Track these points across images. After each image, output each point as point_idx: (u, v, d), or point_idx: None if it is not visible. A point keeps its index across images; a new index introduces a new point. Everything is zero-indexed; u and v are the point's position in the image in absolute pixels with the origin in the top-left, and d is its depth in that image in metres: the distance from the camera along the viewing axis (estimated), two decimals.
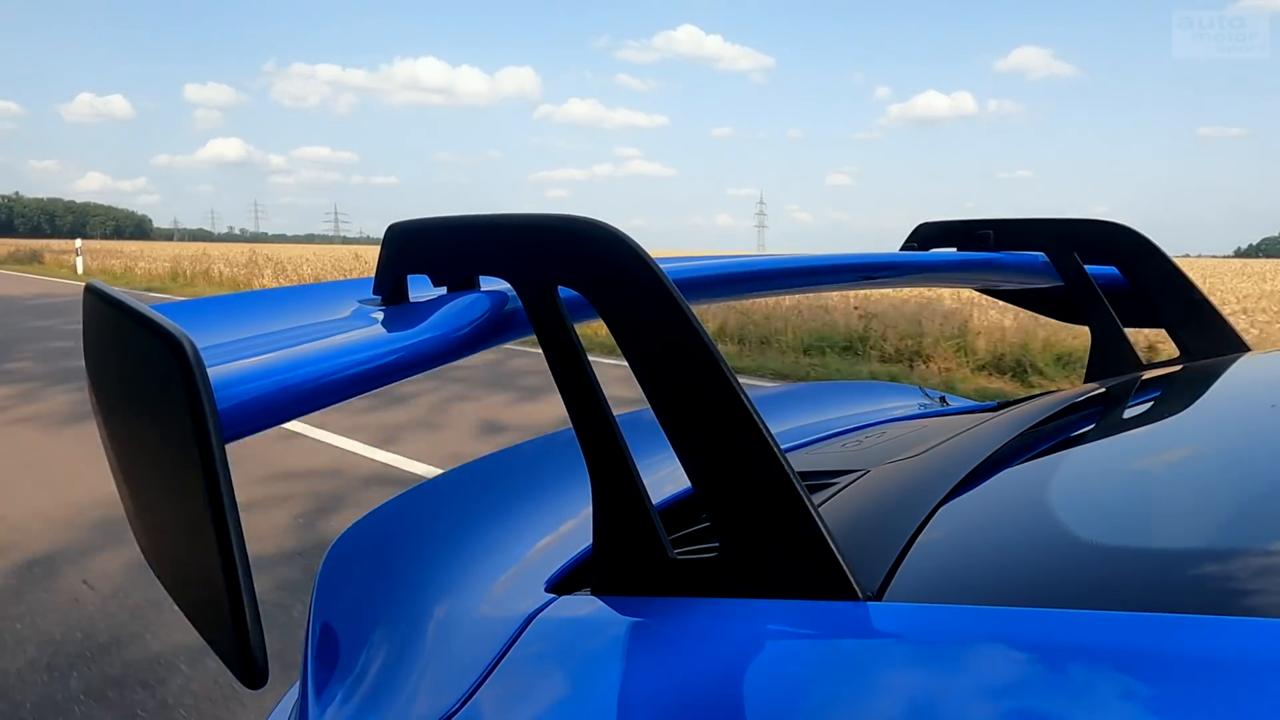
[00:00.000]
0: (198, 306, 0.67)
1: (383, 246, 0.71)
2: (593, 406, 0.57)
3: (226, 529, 0.40)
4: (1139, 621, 0.41)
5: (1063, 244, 1.19)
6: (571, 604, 0.61)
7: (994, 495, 0.66)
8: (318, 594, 0.77)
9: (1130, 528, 0.54)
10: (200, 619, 0.44)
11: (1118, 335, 1.16)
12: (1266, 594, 0.44)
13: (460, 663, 0.60)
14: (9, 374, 7.45)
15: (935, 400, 1.35)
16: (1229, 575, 0.48)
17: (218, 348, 0.55)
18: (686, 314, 0.53)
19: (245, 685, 0.40)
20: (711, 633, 0.52)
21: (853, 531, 0.58)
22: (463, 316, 0.63)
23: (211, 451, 0.40)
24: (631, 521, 0.57)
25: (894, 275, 1.14)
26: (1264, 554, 0.48)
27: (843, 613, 0.48)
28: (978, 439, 0.81)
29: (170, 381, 0.42)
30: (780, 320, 9.44)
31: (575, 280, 0.58)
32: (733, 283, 0.93)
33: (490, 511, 0.90)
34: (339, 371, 0.53)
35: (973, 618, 0.45)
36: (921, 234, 1.33)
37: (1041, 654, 0.41)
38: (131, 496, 0.53)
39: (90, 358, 0.59)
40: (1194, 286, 1.12)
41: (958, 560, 0.55)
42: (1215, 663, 0.37)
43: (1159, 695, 0.36)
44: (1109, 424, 0.85)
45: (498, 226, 0.63)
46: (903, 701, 0.41)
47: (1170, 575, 0.48)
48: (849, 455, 0.91)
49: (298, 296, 0.74)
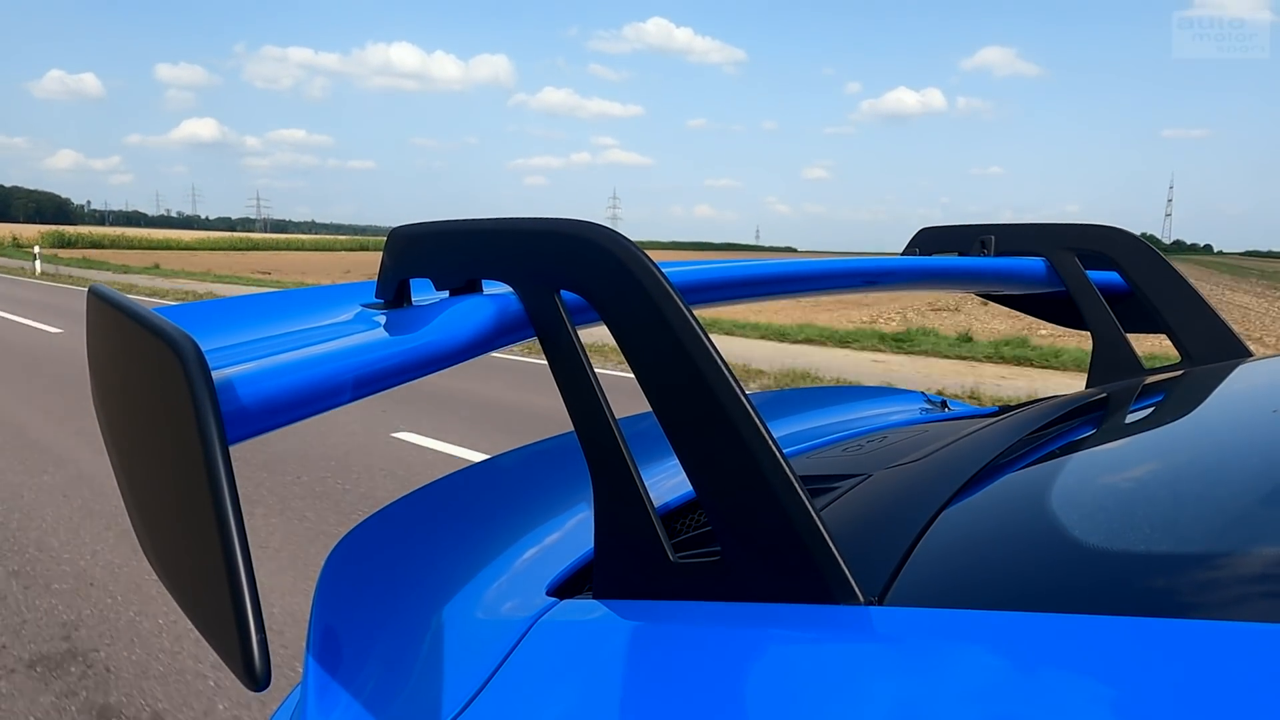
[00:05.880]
0: (201, 309, 0.67)
1: (385, 250, 0.71)
2: (595, 410, 0.57)
3: (230, 531, 0.40)
4: (1140, 627, 0.41)
5: (1063, 249, 1.19)
6: (573, 608, 0.61)
7: (996, 500, 0.66)
8: (320, 596, 0.77)
9: (1131, 533, 0.54)
10: (203, 621, 0.44)
11: (1119, 340, 1.16)
12: (1270, 599, 0.44)
13: (463, 666, 0.60)
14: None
15: (937, 405, 1.35)
16: (1233, 580, 0.48)
17: (221, 350, 0.55)
18: (688, 317, 0.53)
19: (248, 687, 0.40)
20: (713, 637, 0.52)
21: (854, 536, 0.58)
22: (465, 320, 0.63)
23: (215, 454, 0.40)
24: (633, 525, 0.57)
25: (896, 280, 1.14)
26: (1267, 559, 0.48)
27: (844, 617, 0.48)
28: (980, 444, 0.81)
29: (174, 384, 0.42)
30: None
31: (577, 284, 0.58)
32: (734, 286, 0.93)
33: (492, 515, 0.90)
34: (342, 374, 0.53)
35: (974, 622, 0.45)
36: (923, 239, 1.33)
37: (1043, 659, 0.41)
38: (135, 498, 0.53)
39: (94, 361, 0.59)
40: (1195, 291, 1.12)
41: (959, 565, 0.55)
42: (1221, 668, 0.37)
43: (1164, 700, 0.36)
44: (1111, 429, 0.84)
45: (500, 230, 0.63)
46: (904, 706, 0.41)
47: (1172, 580, 0.48)
48: (851, 459, 0.91)
49: (301, 300, 0.74)
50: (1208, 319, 1.11)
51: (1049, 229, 1.21)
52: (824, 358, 9.21)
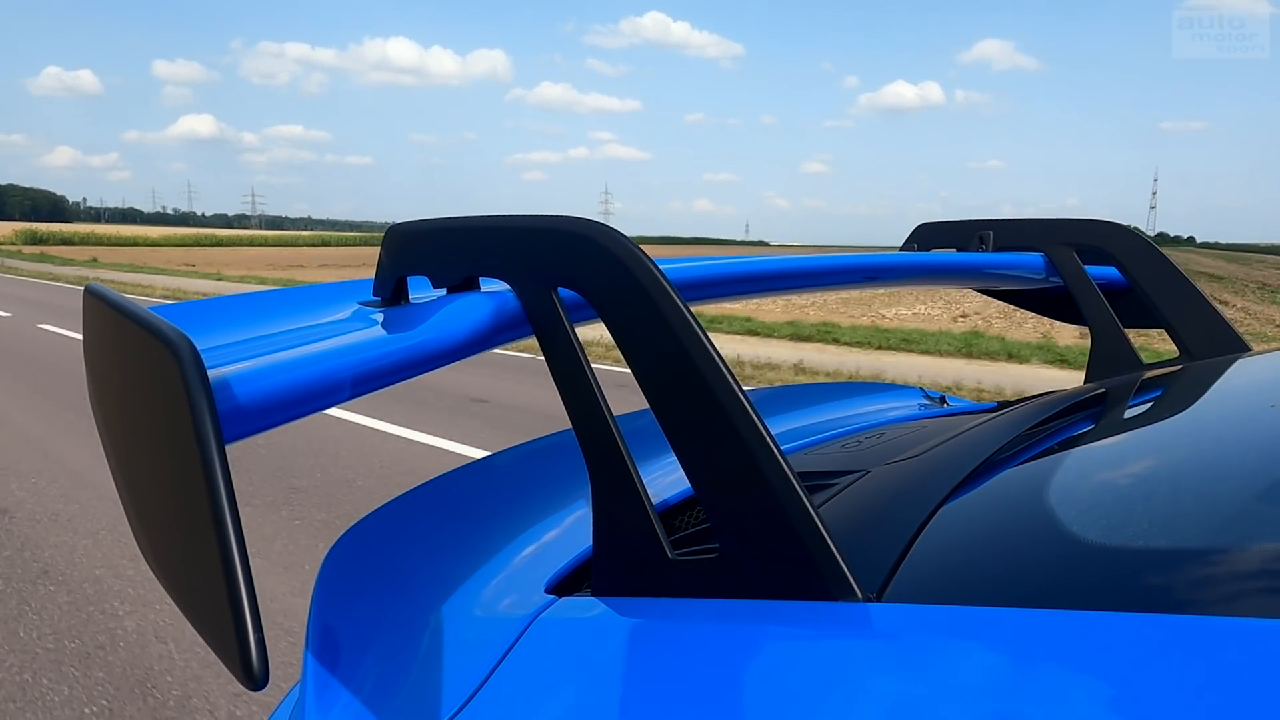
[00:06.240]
0: (197, 308, 0.67)
1: (382, 248, 0.71)
2: (593, 407, 0.57)
3: (226, 530, 0.40)
4: (1139, 622, 0.41)
5: (1061, 244, 1.19)
6: (572, 605, 0.61)
7: (994, 496, 0.66)
8: (318, 594, 0.77)
9: (1130, 528, 0.54)
10: (201, 620, 0.44)
11: (1118, 335, 1.16)
12: (1269, 594, 0.44)
13: (462, 664, 0.60)
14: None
15: (935, 401, 1.35)
16: (1232, 576, 0.48)
17: (217, 349, 0.55)
18: (686, 314, 0.53)
19: (246, 687, 0.40)
20: (711, 634, 0.52)
21: (853, 532, 0.58)
22: (463, 317, 0.63)
23: (211, 452, 0.40)
24: (631, 522, 0.57)
25: (895, 276, 1.14)
26: (1266, 554, 0.48)
27: (843, 613, 0.48)
28: (978, 439, 0.81)
29: (170, 383, 0.42)
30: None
31: (575, 281, 0.58)
32: (732, 283, 0.93)
33: (490, 512, 0.90)
34: (339, 372, 0.53)
35: (973, 618, 0.45)
36: (921, 235, 1.33)
37: (1042, 655, 0.41)
38: (132, 497, 0.53)
39: (90, 360, 0.59)
40: (1193, 286, 1.12)
41: (958, 561, 0.55)
42: (1220, 663, 0.37)
43: (1162, 696, 0.36)
44: (1110, 424, 0.84)
45: (497, 228, 0.63)
46: (902, 702, 0.41)
47: (1172, 576, 0.48)
48: (849, 456, 0.91)
49: (297, 298, 0.74)
50: (1206, 314, 1.11)
51: (1047, 224, 1.21)
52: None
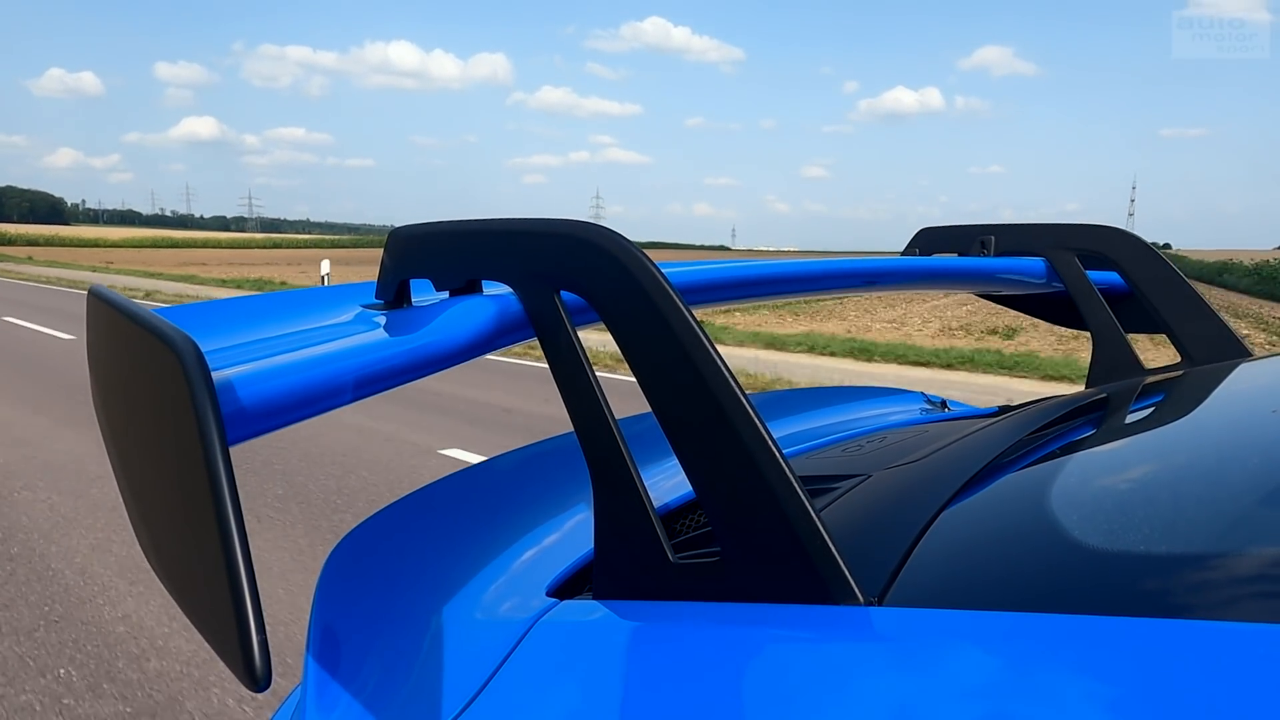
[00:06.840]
0: (201, 310, 0.67)
1: (385, 251, 0.71)
2: (595, 410, 0.57)
3: (230, 531, 0.40)
4: (1141, 627, 0.41)
5: (1063, 249, 1.19)
6: (573, 609, 0.61)
7: (996, 500, 0.66)
8: (320, 597, 0.77)
9: (1131, 534, 0.54)
10: (204, 622, 0.45)
11: (1119, 340, 1.16)
12: (1270, 599, 0.44)
13: (463, 667, 0.60)
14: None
15: (937, 405, 1.35)
16: (1233, 581, 0.48)
17: (221, 351, 0.55)
18: (688, 318, 0.53)
19: (248, 687, 0.40)
20: (712, 637, 0.52)
21: (854, 536, 0.58)
22: (465, 320, 0.63)
23: (215, 454, 0.40)
24: (633, 525, 0.57)
25: (896, 280, 1.14)
26: (1267, 560, 0.48)
27: (844, 617, 0.48)
28: (980, 444, 0.81)
29: (173, 385, 0.42)
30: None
31: (577, 284, 0.58)
32: (735, 287, 0.93)
33: (491, 515, 0.90)
34: (342, 375, 0.53)
35: (974, 623, 0.45)
36: (923, 239, 1.33)
37: (1043, 660, 0.41)
38: (135, 499, 0.53)
39: (94, 362, 0.59)
40: (1195, 292, 1.12)
41: (959, 565, 0.55)
42: (1222, 669, 0.37)
43: (1162, 701, 0.36)
44: (1111, 429, 0.85)
45: (499, 231, 0.63)
46: (903, 706, 0.41)
47: (1172, 581, 0.48)
48: (850, 460, 0.91)
49: (301, 300, 0.74)
50: (1208, 319, 1.11)
51: (1049, 229, 1.21)
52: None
